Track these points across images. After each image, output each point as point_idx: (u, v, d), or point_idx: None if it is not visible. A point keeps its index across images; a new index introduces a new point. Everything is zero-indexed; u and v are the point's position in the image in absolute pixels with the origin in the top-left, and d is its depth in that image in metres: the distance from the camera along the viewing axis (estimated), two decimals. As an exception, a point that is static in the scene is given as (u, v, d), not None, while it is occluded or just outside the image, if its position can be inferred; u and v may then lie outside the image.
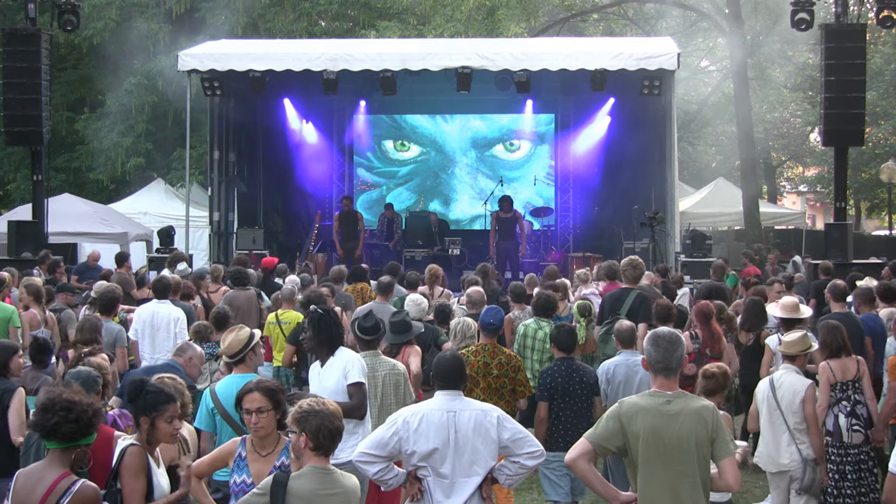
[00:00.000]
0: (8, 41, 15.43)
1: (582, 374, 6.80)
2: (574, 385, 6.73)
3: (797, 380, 6.60)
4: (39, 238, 15.24)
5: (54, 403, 3.96)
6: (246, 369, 5.90)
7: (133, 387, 4.59)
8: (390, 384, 6.17)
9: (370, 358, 6.20)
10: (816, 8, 15.96)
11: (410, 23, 24.69)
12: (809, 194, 43.48)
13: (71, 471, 3.97)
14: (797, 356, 6.70)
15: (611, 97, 18.30)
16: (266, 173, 20.00)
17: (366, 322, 6.39)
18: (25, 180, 22.35)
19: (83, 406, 3.99)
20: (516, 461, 4.75)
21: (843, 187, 15.84)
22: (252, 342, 5.93)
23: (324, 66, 15.61)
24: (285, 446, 4.68)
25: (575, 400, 6.71)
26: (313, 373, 6.03)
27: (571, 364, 6.84)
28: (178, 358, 6.61)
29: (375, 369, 6.14)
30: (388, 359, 6.44)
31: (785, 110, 34.38)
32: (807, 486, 6.49)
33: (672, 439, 4.22)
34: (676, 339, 4.42)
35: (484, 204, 19.45)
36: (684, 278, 13.36)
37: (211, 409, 5.69)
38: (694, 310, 8.46)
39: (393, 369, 6.27)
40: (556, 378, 6.73)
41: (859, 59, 14.88)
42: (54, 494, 3.86)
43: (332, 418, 4.14)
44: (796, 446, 6.49)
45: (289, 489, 4.04)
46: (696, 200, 23.16)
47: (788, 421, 6.50)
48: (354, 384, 5.76)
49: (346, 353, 5.96)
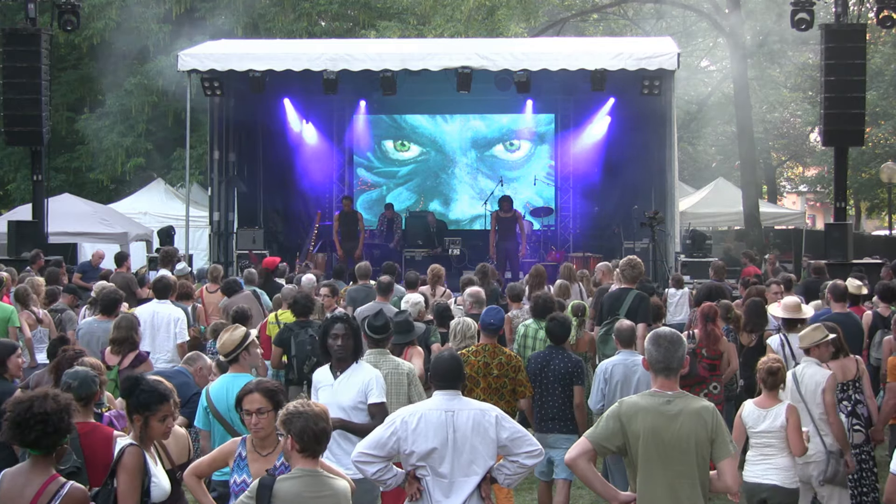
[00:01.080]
0: (8, 41, 15.44)
1: (558, 361, 7.14)
2: (548, 372, 7.10)
3: (817, 371, 6.63)
4: (39, 238, 15.24)
5: (28, 419, 3.90)
6: (240, 369, 5.90)
7: (128, 384, 4.59)
8: (391, 383, 6.14)
9: (375, 356, 6.19)
10: (816, 8, 15.98)
11: (410, 23, 24.69)
12: (809, 194, 43.47)
13: (56, 473, 3.97)
14: (812, 348, 6.74)
15: (611, 97, 18.30)
16: (266, 173, 20.00)
17: (376, 321, 6.37)
18: (25, 180, 22.35)
19: (58, 414, 3.93)
20: (515, 460, 4.76)
21: (843, 187, 15.85)
22: (246, 341, 5.92)
23: (324, 66, 15.61)
24: None
25: (547, 385, 7.09)
26: (324, 382, 5.79)
27: (552, 352, 7.21)
28: (188, 366, 6.65)
29: (379, 367, 6.10)
30: (393, 358, 6.40)
31: (785, 110, 34.37)
32: (830, 476, 6.50)
33: (672, 439, 4.22)
34: (678, 339, 4.42)
35: (484, 204, 19.45)
36: (683, 279, 13.37)
37: (205, 408, 5.72)
38: (699, 310, 8.48)
39: (396, 369, 6.25)
40: (531, 364, 7.19)
41: (859, 59, 14.89)
42: (44, 497, 3.84)
43: (317, 420, 4.12)
44: (821, 437, 6.50)
45: (274, 492, 4.02)
46: (696, 200, 23.14)
47: (813, 412, 6.51)
48: (377, 404, 5.63)
49: (367, 368, 5.82)
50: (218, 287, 11.58)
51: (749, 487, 6.19)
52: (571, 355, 7.37)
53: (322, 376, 5.83)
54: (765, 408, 6.18)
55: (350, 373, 5.73)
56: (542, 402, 7.15)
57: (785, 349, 7.78)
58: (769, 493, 6.11)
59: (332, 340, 5.72)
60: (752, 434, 6.20)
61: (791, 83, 31.98)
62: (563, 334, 7.27)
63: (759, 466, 6.16)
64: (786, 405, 6.16)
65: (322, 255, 17.68)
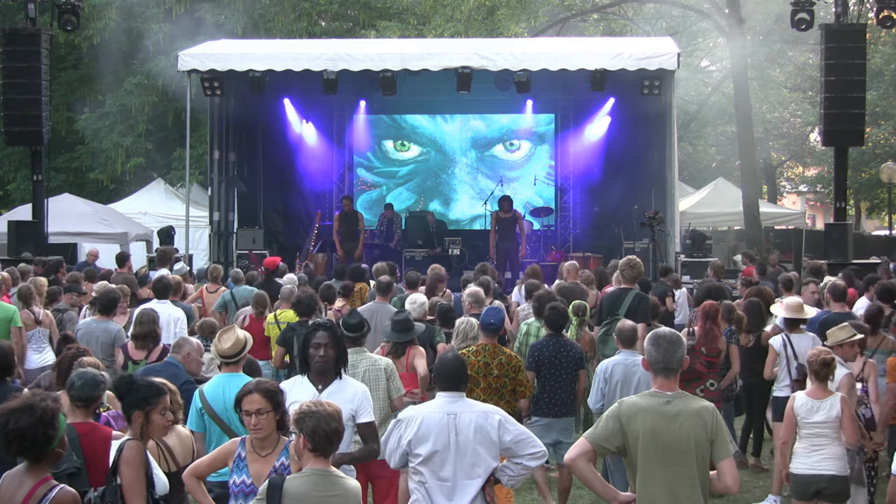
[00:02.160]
0: (8, 41, 15.44)
1: (568, 349, 7.54)
2: (560, 359, 7.45)
3: (838, 370, 6.64)
4: (39, 238, 15.26)
5: (6, 434, 3.85)
6: (236, 369, 5.92)
7: (122, 383, 4.59)
8: (369, 379, 6.08)
9: (354, 354, 6.13)
10: (816, 8, 15.97)
11: (410, 23, 24.69)
12: (809, 194, 43.48)
13: (50, 475, 3.96)
14: (836, 347, 6.80)
15: (611, 97, 18.29)
16: (266, 173, 20.00)
17: (351, 319, 6.41)
18: (25, 180, 22.35)
19: (33, 427, 3.86)
20: (519, 462, 4.77)
21: (843, 187, 15.85)
22: (249, 345, 5.97)
23: (324, 66, 15.61)
24: (285, 447, 4.69)
25: (560, 372, 7.44)
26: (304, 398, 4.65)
27: (559, 340, 7.56)
28: (177, 355, 6.54)
29: (356, 365, 6.10)
30: (371, 355, 6.40)
31: (785, 110, 34.36)
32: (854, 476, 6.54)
33: (672, 440, 4.22)
34: (677, 339, 4.42)
35: (484, 204, 19.45)
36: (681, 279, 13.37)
37: (199, 409, 5.67)
38: (700, 308, 8.49)
39: (374, 364, 6.21)
40: (543, 352, 7.47)
41: (859, 59, 14.89)
42: (33, 500, 3.84)
43: (329, 420, 4.12)
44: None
45: (284, 491, 4.03)
46: (696, 200, 23.15)
47: None
48: (367, 424, 5.33)
49: (353, 384, 5.44)
50: (218, 287, 11.60)
51: (802, 479, 6.26)
52: (574, 342, 7.80)
53: (301, 391, 5.22)
54: (818, 399, 6.27)
55: (335, 389, 5.29)
56: (553, 388, 7.43)
57: (787, 349, 7.79)
58: (826, 484, 6.21)
59: (313, 350, 5.31)
60: (804, 425, 6.27)
61: (791, 83, 31.98)
62: (562, 323, 7.64)
63: (813, 457, 6.24)
64: (839, 396, 6.28)
65: (322, 255, 17.68)
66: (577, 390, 7.56)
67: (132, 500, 4.27)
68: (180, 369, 6.36)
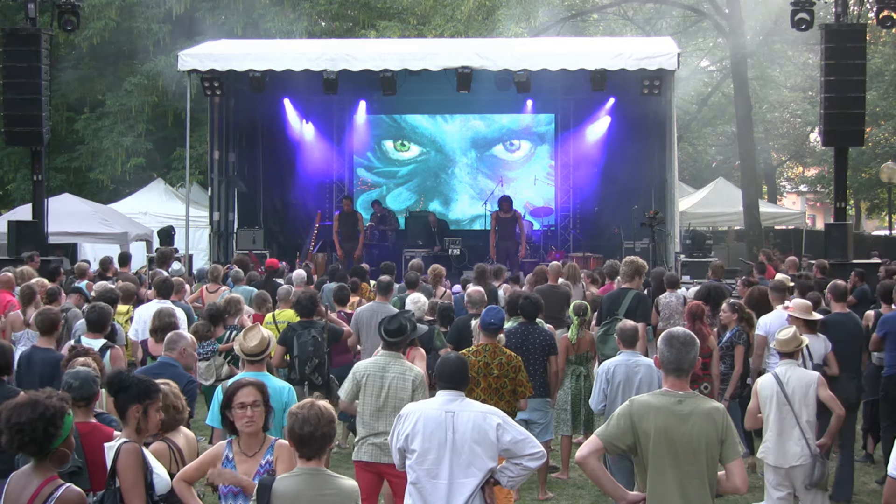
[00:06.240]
0: (8, 41, 15.42)
1: (537, 335, 7.77)
2: (528, 344, 7.67)
3: (804, 373, 6.63)
4: (39, 238, 15.23)
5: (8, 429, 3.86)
6: (260, 367, 5.98)
7: (117, 380, 4.57)
8: (395, 388, 6.02)
9: (386, 357, 6.14)
10: (816, 8, 15.95)
11: (410, 23, 24.70)
12: (809, 194, 43.47)
13: (57, 474, 3.96)
14: (794, 352, 6.71)
15: (611, 97, 18.31)
16: (266, 173, 20.00)
17: (390, 325, 6.34)
18: (25, 180, 22.35)
19: (32, 423, 3.86)
20: (518, 463, 4.77)
21: (843, 187, 15.82)
22: (273, 344, 6.03)
23: (324, 66, 15.62)
24: (270, 445, 4.75)
25: (527, 355, 7.54)
26: None
27: (528, 326, 7.80)
28: (172, 353, 6.41)
29: (386, 369, 6.06)
30: (405, 362, 6.24)
31: (785, 110, 34.34)
32: (816, 480, 6.48)
33: (683, 439, 4.24)
34: (691, 340, 4.42)
35: (484, 204, 19.45)
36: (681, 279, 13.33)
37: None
38: (686, 308, 8.47)
39: (402, 374, 6.08)
40: (511, 337, 7.63)
41: (859, 59, 14.87)
42: (38, 499, 3.84)
43: (304, 424, 4.06)
44: (806, 441, 6.48)
45: (273, 490, 4.02)
46: (696, 200, 23.15)
47: (800, 415, 6.49)
48: None
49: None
50: (218, 287, 11.59)
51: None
52: (545, 329, 7.93)
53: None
54: None
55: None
56: None
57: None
58: None
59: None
60: None
61: (791, 83, 31.96)
62: (535, 312, 7.83)
63: None
64: None
65: (322, 255, 17.67)
66: (548, 373, 7.79)
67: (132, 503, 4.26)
68: (179, 368, 6.34)
